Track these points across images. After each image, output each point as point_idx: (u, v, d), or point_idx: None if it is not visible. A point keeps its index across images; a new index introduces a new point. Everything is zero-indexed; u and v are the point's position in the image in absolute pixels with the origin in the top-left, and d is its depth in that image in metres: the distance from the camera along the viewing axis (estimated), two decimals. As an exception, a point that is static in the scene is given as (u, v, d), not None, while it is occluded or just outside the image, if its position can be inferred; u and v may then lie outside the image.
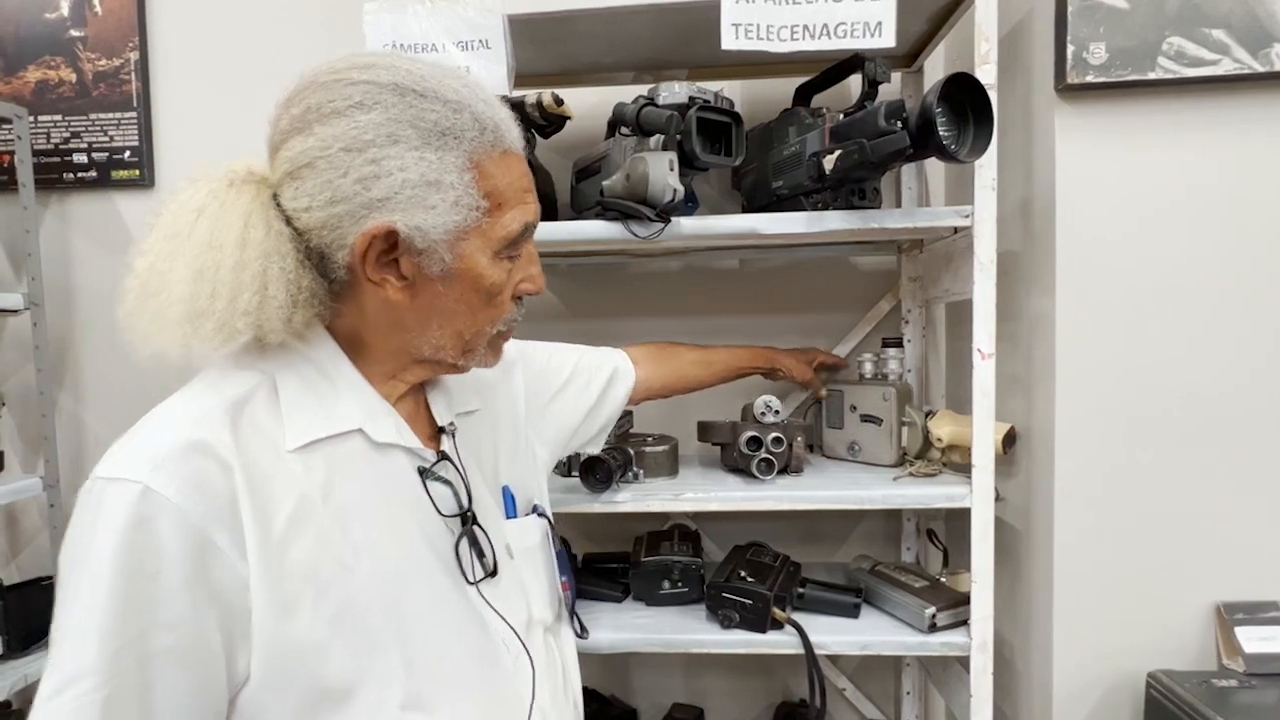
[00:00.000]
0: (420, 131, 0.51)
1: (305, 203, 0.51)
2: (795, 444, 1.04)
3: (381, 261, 0.53)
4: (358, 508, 0.54)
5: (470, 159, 0.53)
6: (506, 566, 0.63)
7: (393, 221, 0.51)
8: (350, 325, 0.58)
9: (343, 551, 0.52)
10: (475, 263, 0.55)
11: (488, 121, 0.54)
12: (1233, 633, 0.87)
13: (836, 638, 0.97)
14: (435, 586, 0.57)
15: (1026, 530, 1.02)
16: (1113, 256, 0.91)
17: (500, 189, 0.55)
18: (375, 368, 0.58)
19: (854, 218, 0.93)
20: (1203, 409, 0.90)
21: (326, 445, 0.54)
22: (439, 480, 0.60)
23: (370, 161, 0.50)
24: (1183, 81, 0.85)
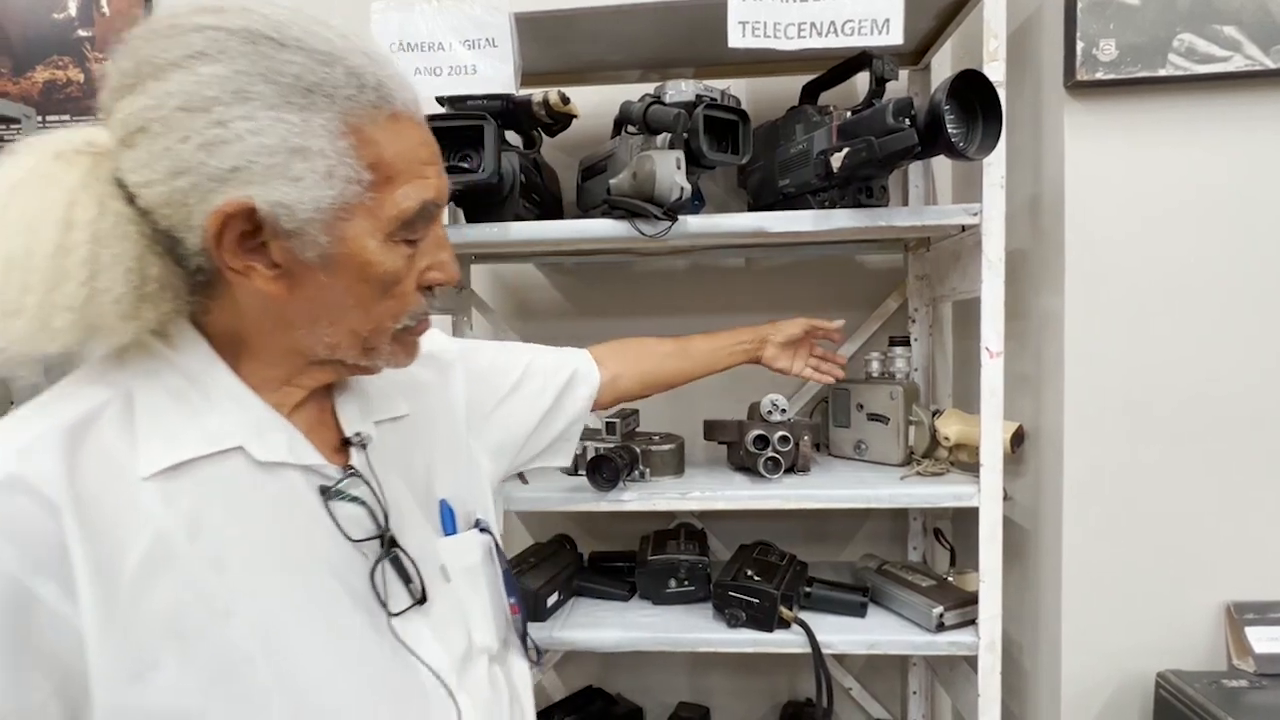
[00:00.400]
0: (278, 87, 0.43)
1: (145, 175, 0.43)
2: (802, 443, 1.04)
3: (246, 246, 0.45)
4: (238, 542, 0.46)
5: (345, 122, 0.44)
6: (441, 591, 0.56)
7: (248, 197, 0.43)
8: (227, 324, 0.49)
9: (216, 596, 0.44)
10: (362, 247, 0.47)
11: (368, 77, 0.45)
12: (1243, 633, 0.87)
13: (843, 637, 0.96)
14: (342, 626, 0.49)
15: (1035, 530, 1.02)
16: (1122, 255, 0.90)
17: (388, 159, 0.46)
18: (264, 373, 0.50)
19: (861, 216, 0.93)
20: (1212, 408, 0.90)
21: (196, 469, 0.46)
22: (348, 500, 0.52)
23: (215, 123, 0.42)
24: (1193, 78, 0.84)
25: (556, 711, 1.23)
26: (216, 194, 0.43)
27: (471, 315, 1.31)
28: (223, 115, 0.42)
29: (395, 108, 0.47)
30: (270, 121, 0.43)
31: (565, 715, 1.22)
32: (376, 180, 0.46)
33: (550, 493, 1.01)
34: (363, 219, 0.46)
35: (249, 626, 0.45)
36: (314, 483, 0.51)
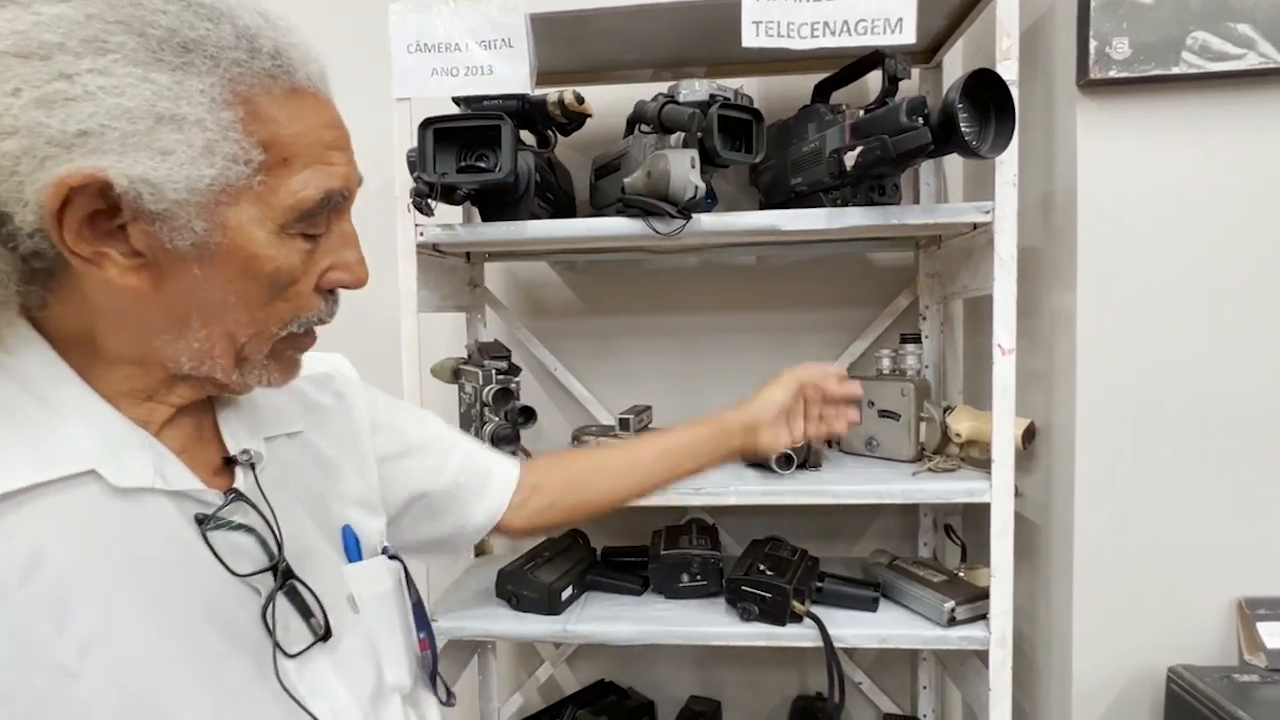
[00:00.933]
0: (144, 40, 0.36)
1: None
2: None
3: (99, 229, 0.37)
4: (86, 586, 0.38)
5: (233, 91, 0.38)
6: (349, 623, 0.49)
7: (101, 169, 0.35)
8: (73, 323, 0.41)
9: (59, 652, 0.37)
10: (248, 237, 0.40)
11: (263, 41, 0.39)
12: (1254, 628, 0.87)
13: (855, 631, 0.97)
14: (225, 678, 0.42)
15: (1046, 526, 1.02)
16: (1135, 253, 0.90)
17: (286, 139, 0.40)
18: (120, 384, 0.42)
19: (874, 214, 0.93)
20: (1224, 405, 0.90)
21: (33, 498, 0.38)
22: (232, 528, 0.44)
23: (58, 75, 0.34)
24: (1207, 76, 0.84)
25: (569, 705, 1.25)
26: (57, 162, 0.35)
27: (485, 313, 1.32)
28: (68, 67, 0.34)
29: (296, 80, 0.41)
30: (133, 80, 0.35)
31: (578, 708, 1.23)
32: (270, 162, 0.39)
33: (565, 488, 1.02)
34: (250, 205, 0.40)
35: (102, 691, 0.37)
36: (188, 511, 0.43)
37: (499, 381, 1.06)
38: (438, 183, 0.90)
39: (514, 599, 1.06)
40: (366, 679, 0.50)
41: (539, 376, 1.35)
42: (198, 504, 0.44)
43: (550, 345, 1.34)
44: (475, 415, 1.07)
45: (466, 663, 1.23)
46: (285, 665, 0.44)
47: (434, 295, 1.09)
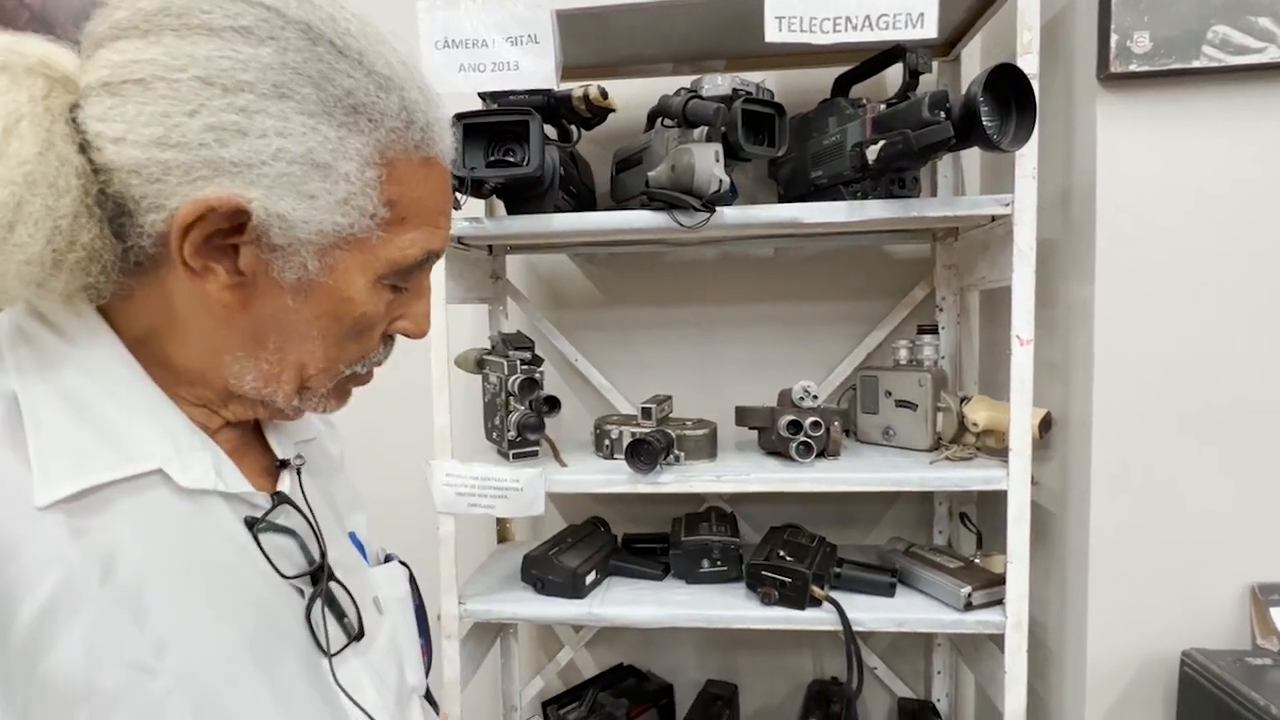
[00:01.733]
0: (324, 96, 0.39)
1: (119, 130, 0.37)
2: (833, 428, 1.07)
3: (212, 244, 0.39)
4: (159, 583, 0.39)
5: (381, 153, 0.41)
6: (375, 624, 0.51)
7: (247, 198, 0.37)
8: (145, 322, 0.42)
9: (137, 649, 0.38)
10: (348, 283, 0.42)
11: (419, 115, 0.42)
12: (1268, 613, 0.89)
13: (873, 615, 1.00)
14: (277, 674, 0.43)
15: (1061, 514, 1.04)
16: (1153, 245, 0.92)
17: (408, 201, 0.43)
18: (180, 389, 0.44)
19: (895, 206, 0.95)
20: (1240, 396, 0.91)
21: (107, 495, 0.39)
22: (277, 531, 0.46)
23: (238, 110, 0.37)
24: (1227, 70, 0.85)
25: (590, 687, 1.28)
26: (208, 182, 0.37)
27: (507, 304, 1.35)
28: (250, 104, 0.37)
29: (432, 152, 0.44)
30: (303, 129, 0.38)
31: (599, 690, 1.26)
32: (390, 219, 0.42)
33: (589, 474, 1.05)
34: (360, 254, 0.42)
35: (177, 685, 0.38)
36: (240, 513, 0.45)
37: (524, 371, 1.08)
38: (468, 177, 0.92)
39: (539, 583, 1.09)
40: (392, 679, 0.51)
41: (559, 367, 1.38)
42: (248, 506, 0.45)
43: (570, 336, 1.36)
44: (500, 404, 1.10)
45: (490, 647, 1.26)
46: (324, 665, 0.46)
47: (459, 287, 1.11)
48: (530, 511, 1.01)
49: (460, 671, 1.06)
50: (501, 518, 1.35)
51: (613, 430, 1.12)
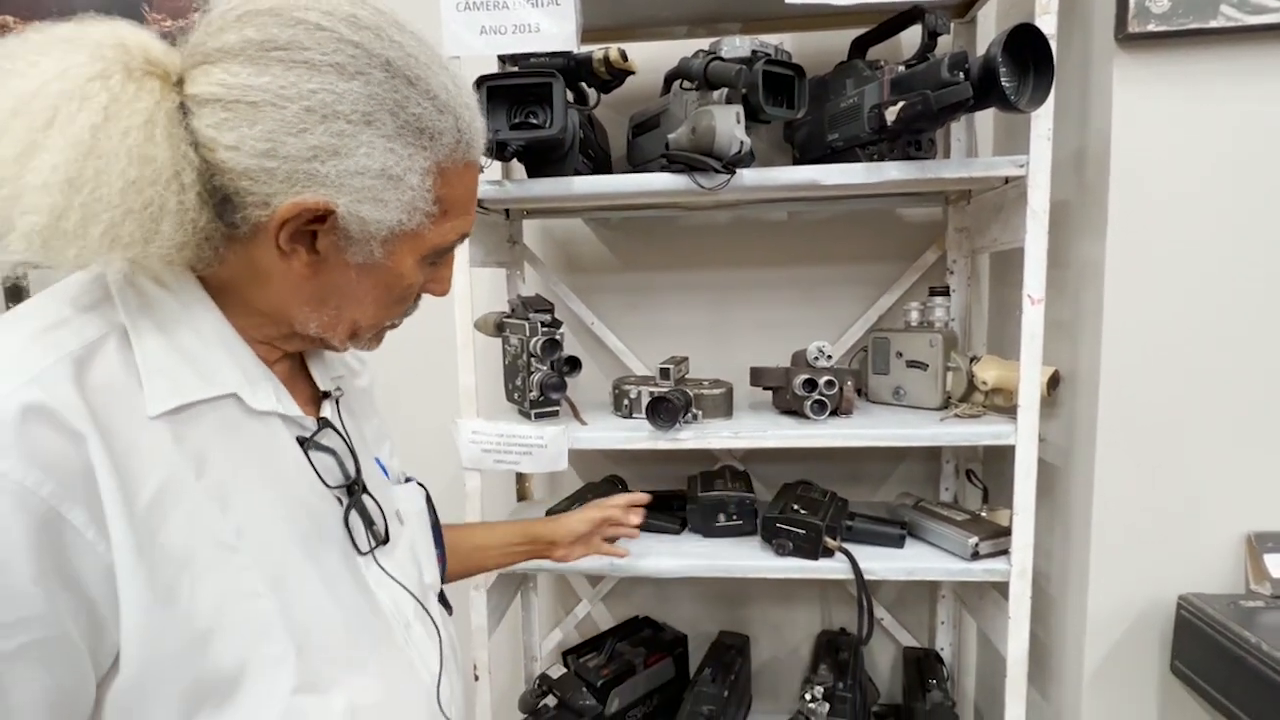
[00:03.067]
0: (399, 122, 0.47)
1: (233, 140, 0.44)
2: (845, 387, 1.10)
3: (298, 232, 0.47)
4: (236, 482, 0.49)
5: (437, 164, 0.49)
6: (397, 532, 0.61)
7: (336, 203, 0.46)
8: (229, 275, 0.50)
9: (223, 532, 0.47)
10: (401, 262, 0.52)
11: (466, 130, 0.51)
12: (1262, 559, 0.93)
13: (884, 564, 1.04)
14: (324, 563, 0.53)
15: (1066, 468, 1.08)
16: (1166, 206, 0.93)
17: (452, 198, 0.51)
18: (249, 330, 0.52)
19: (911, 168, 0.96)
20: (1244, 355, 0.94)
21: (197, 411, 0.48)
22: (321, 449, 0.55)
23: (334, 135, 0.45)
24: (1245, 29, 0.86)
25: (608, 637, 1.33)
26: (305, 189, 0.45)
27: (524, 268, 1.37)
28: (343, 130, 0.45)
29: (473, 156, 0.52)
30: (383, 150, 0.46)
31: (617, 640, 1.32)
32: (437, 214, 0.51)
33: (610, 432, 1.08)
34: (412, 241, 0.51)
35: (252, 562, 0.48)
36: (293, 432, 0.54)
37: (545, 333, 1.10)
38: (492, 139, 0.93)
39: (561, 537, 1.13)
40: (412, 577, 0.61)
41: (575, 330, 1.40)
42: (299, 427, 0.55)
43: (586, 300, 1.39)
44: (522, 366, 1.13)
45: (511, 600, 1.31)
46: (358, 561, 0.56)
47: (479, 251, 1.13)
48: (554, 467, 1.05)
49: (486, 620, 1.11)
50: (522, 476, 1.40)
51: (631, 390, 1.15)
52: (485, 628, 1.10)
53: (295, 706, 0.48)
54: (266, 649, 0.47)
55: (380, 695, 0.54)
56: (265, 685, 0.47)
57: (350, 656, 0.52)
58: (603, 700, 1.20)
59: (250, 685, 0.47)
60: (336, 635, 0.52)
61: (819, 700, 1.11)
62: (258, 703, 0.47)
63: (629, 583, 1.45)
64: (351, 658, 0.52)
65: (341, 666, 0.51)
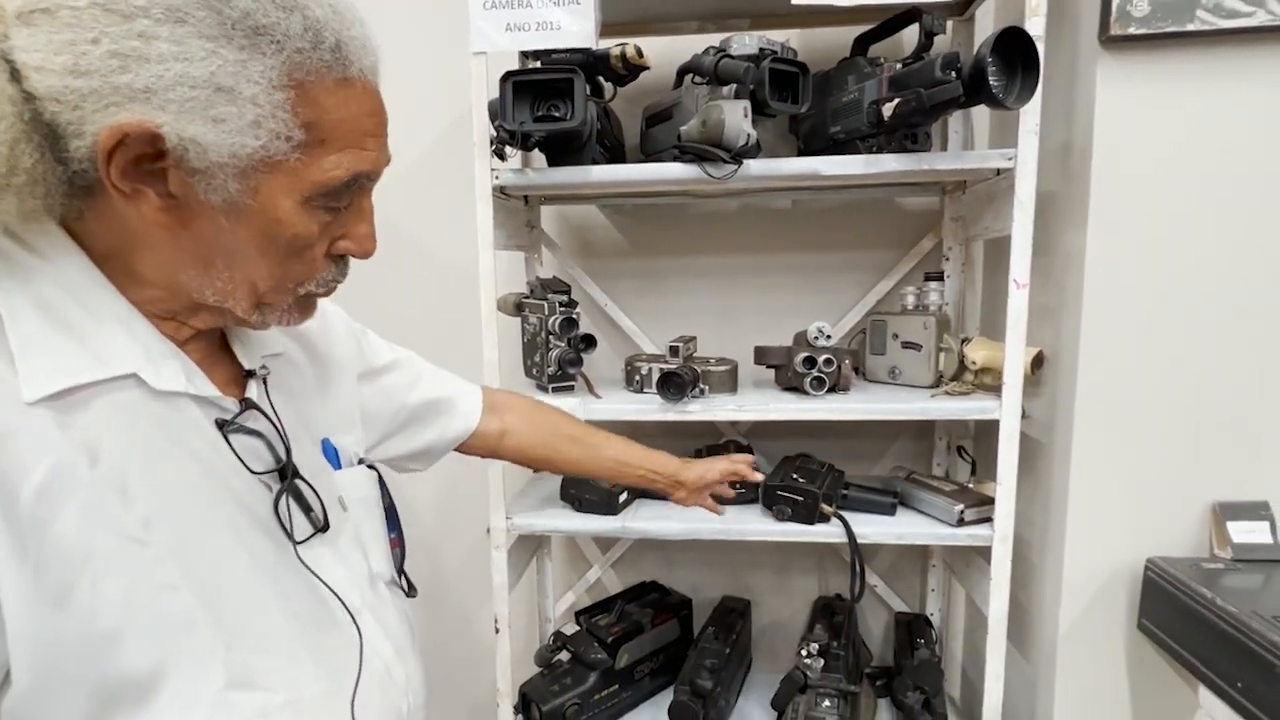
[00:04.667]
0: (221, 19, 0.39)
1: (38, 59, 0.39)
2: (844, 365, 1.17)
3: (141, 169, 0.41)
4: (141, 470, 0.44)
5: (289, 75, 0.42)
6: (340, 519, 0.57)
7: (157, 123, 0.39)
8: (108, 240, 0.45)
9: (126, 524, 0.43)
10: (275, 204, 0.44)
11: (327, 35, 0.42)
12: (1225, 527, 1.01)
13: (876, 529, 1.12)
14: (254, 551, 0.49)
15: (1048, 443, 1.15)
16: (1143, 197, 1.00)
17: (328, 124, 0.44)
18: (148, 303, 0.47)
19: (908, 160, 1.03)
20: (1210, 337, 1.01)
21: (88, 395, 0.43)
22: (246, 433, 0.51)
23: (136, 35, 0.38)
24: (1219, 33, 0.92)
25: (619, 599, 1.42)
26: (120, 109, 0.39)
27: (541, 252, 1.44)
28: (147, 29, 0.38)
29: (349, 72, 0.44)
30: (203, 53, 0.39)
31: (626, 602, 1.41)
32: (308, 141, 0.43)
33: (622, 404, 1.17)
34: (282, 176, 0.44)
35: (167, 553, 0.44)
36: (210, 415, 0.49)
37: (563, 312, 1.18)
38: (518, 131, 1.01)
39: (577, 502, 1.22)
40: (359, 566, 0.58)
41: (589, 311, 1.48)
42: (218, 409, 0.50)
43: (600, 283, 1.46)
44: (541, 343, 1.21)
45: (528, 562, 1.40)
46: (294, 549, 0.52)
47: (502, 235, 1.20)
48: (571, 436, 1.13)
49: (507, 578, 1.20)
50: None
51: (643, 366, 1.23)
52: (505, 584, 1.19)
53: (226, 702, 0.45)
54: (187, 643, 0.44)
55: (324, 686, 0.51)
56: (190, 681, 0.44)
57: (287, 649, 0.49)
58: (613, 655, 1.29)
59: (172, 683, 0.43)
60: (274, 625, 0.49)
61: (814, 656, 1.20)
62: (181, 700, 0.44)
63: (638, 549, 1.54)
64: (288, 650, 0.49)
65: (278, 658, 0.49)
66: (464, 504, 1.54)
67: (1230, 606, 0.87)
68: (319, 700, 0.51)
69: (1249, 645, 0.83)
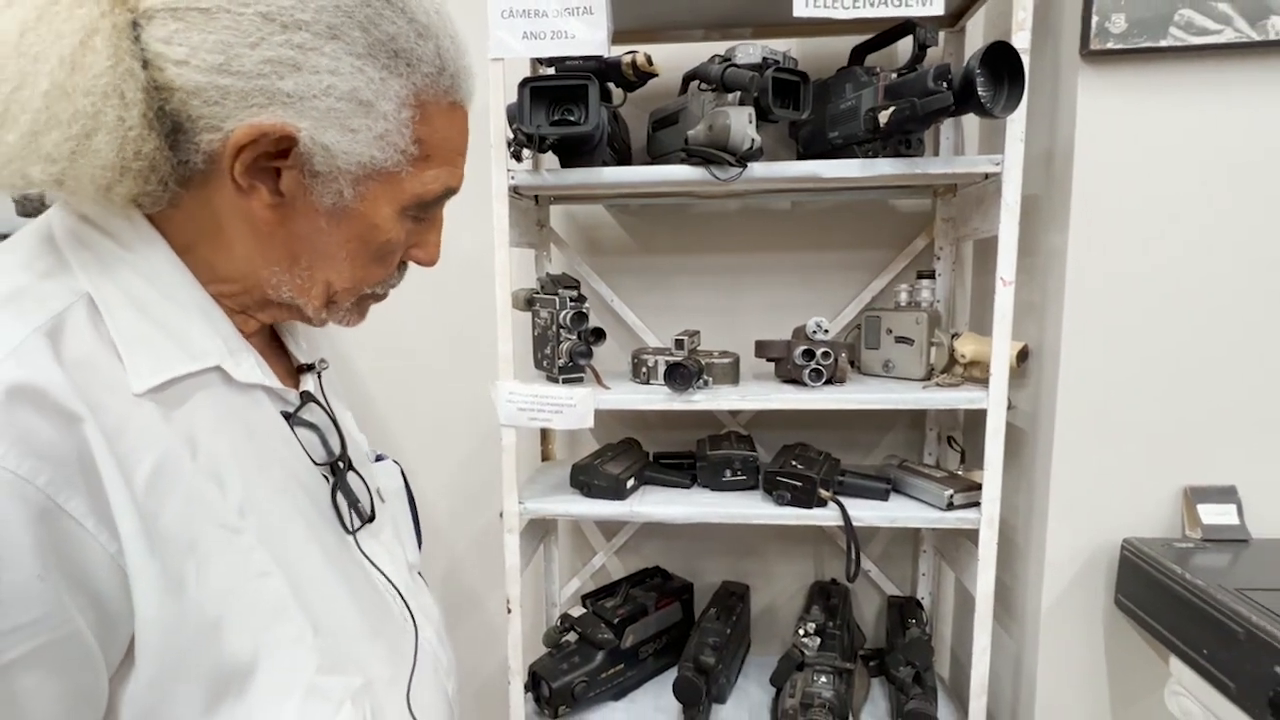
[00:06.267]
0: (370, 40, 0.43)
1: (182, 54, 0.39)
2: (840, 358, 1.24)
3: (259, 166, 0.43)
4: (232, 461, 0.46)
5: (416, 95, 0.45)
6: (381, 510, 0.60)
7: (297, 127, 0.42)
8: (192, 232, 0.46)
9: (224, 513, 0.44)
10: (376, 210, 0.47)
11: (450, 63, 0.47)
12: (1195, 509, 1.08)
13: (870, 513, 1.18)
14: (323, 541, 0.51)
15: (1033, 432, 1.22)
16: (1121, 200, 1.07)
17: (435, 141, 0.48)
18: (223, 298, 0.48)
19: (901, 164, 1.10)
20: (1183, 330, 1.08)
21: (183, 386, 0.44)
22: (305, 425, 0.53)
23: (294, 46, 0.40)
24: (1190, 49, 0.99)
25: (624, 583, 1.48)
26: (262, 110, 0.41)
27: (550, 250, 1.50)
28: (305, 42, 0.41)
29: (458, 97, 0.49)
30: (351, 69, 0.42)
31: (631, 586, 1.46)
32: (417, 156, 0.47)
33: (630, 395, 1.22)
34: (389, 186, 0.47)
35: (257, 541, 0.46)
36: (278, 407, 0.52)
37: (573, 306, 1.24)
38: (535, 134, 1.07)
39: (586, 488, 1.27)
40: (400, 555, 0.60)
41: (596, 307, 1.53)
42: (283, 402, 0.53)
43: (606, 279, 1.52)
44: (552, 336, 1.26)
45: (535, 549, 1.46)
46: (350, 540, 0.54)
47: (514, 233, 1.26)
48: (582, 424, 1.19)
49: (519, 560, 1.25)
50: (546, 437, 1.54)
51: (649, 359, 1.29)
52: (518, 566, 1.25)
53: (318, 686, 0.46)
54: (283, 629, 0.46)
55: (389, 670, 0.53)
56: (286, 667, 0.45)
57: (362, 635, 0.51)
58: (618, 636, 1.34)
59: (270, 669, 0.44)
60: (347, 611, 0.51)
61: (811, 636, 1.27)
62: (278, 685, 0.45)
63: (640, 536, 1.60)
64: (362, 635, 0.51)
65: (357, 644, 0.50)
66: (472, 491, 1.60)
67: (1199, 581, 0.94)
68: (386, 683, 0.53)
69: (1215, 616, 0.90)
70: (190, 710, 0.42)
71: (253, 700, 0.44)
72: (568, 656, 1.32)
